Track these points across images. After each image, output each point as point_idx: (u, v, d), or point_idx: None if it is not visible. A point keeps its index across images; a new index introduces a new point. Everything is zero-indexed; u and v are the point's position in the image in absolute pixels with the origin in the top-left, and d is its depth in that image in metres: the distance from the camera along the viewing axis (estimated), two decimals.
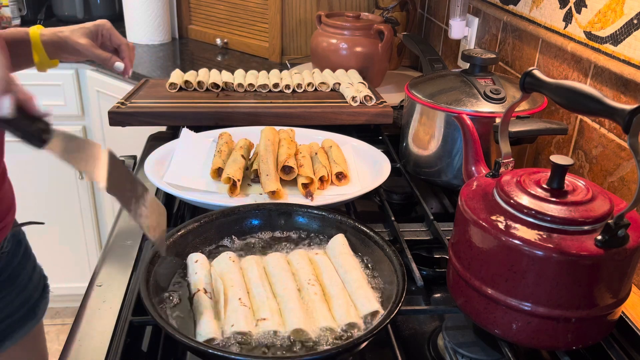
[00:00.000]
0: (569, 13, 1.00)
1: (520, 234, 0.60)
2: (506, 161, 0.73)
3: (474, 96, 1.00)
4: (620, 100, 0.88)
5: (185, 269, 0.74)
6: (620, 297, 0.63)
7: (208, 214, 0.80)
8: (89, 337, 0.70)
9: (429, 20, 1.86)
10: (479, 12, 1.42)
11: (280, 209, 0.84)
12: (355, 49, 1.56)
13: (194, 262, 0.73)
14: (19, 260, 0.98)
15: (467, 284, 0.66)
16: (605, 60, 0.88)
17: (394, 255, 0.72)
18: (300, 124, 1.23)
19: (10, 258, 0.96)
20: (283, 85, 1.38)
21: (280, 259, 0.76)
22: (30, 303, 1.01)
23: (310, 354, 0.60)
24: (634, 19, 0.83)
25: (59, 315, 2.45)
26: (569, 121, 1.03)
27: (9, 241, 0.95)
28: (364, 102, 1.29)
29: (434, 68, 1.22)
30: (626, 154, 0.87)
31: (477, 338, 0.71)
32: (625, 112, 0.55)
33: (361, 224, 0.79)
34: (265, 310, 0.66)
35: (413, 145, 1.09)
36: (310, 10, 1.96)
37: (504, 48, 1.29)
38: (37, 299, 1.03)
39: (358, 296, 0.69)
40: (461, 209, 0.67)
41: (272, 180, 0.94)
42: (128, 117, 1.23)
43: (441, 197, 1.15)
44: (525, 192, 0.63)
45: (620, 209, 0.60)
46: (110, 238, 0.93)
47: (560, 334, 0.62)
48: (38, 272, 1.04)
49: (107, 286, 0.80)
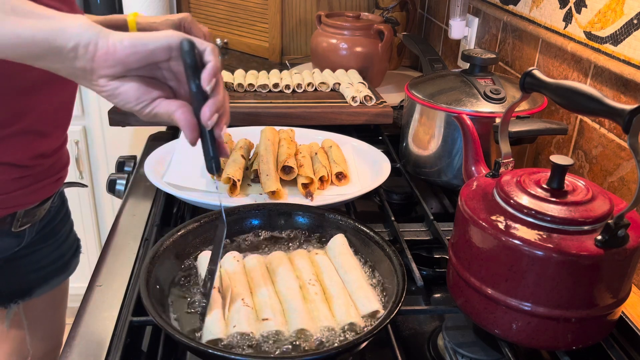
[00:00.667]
0: (569, 13, 1.00)
1: (520, 234, 0.60)
2: (506, 161, 0.73)
3: (474, 96, 1.00)
4: (620, 100, 0.88)
5: (186, 269, 0.74)
6: (620, 297, 0.63)
7: (208, 214, 0.80)
8: (89, 337, 0.70)
9: (429, 20, 1.86)
10: (479, 12, 1.42)
11: (280, 209, 0.84)
12: (355, 49, 1.56)
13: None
14: (61, 218, 1.09)
15: (467, 284, 0.66)
16: (605, 60, 0.88)
17: (394, 255, 0.72)
18: (300, 124, 1.23)
19: (55, 214, 1.06)
20: (283, 85, 1.38)
21: (283, 257, 0.76)
22: (64, 259, 1.11)
23: (311, 354, 0.60)
24: (634, 19, 0.83)
25: None
26: (569, 121, 1.03)
27: (57, 199, 1.05)
28: (364, 102, 1.29)
29: (434, 68, 1.22)
30: (626, 154, 0.87)
31: (477, 338, 0.71)
32: (625, 112, 0.55)
33: (361, 224, 0.79)
34: (267, 310, 0.66)
35: (413, 145, 1.09)
36: (310, 10, 1.96)
37: (504, 48, 1.29)
38: (71, 257, 1.13)
39: (358, 296, 0.69)
40: (461, 209, 0.67)
41: (272, 180, 0.94)
42: (128, 117, 1.23)
43: (441, 197, 1.15)
44: (525, 192, 0.63)
45: (620, 209, 0.60)
46: (110, 238, 0.93)
47: (560, 334, 0.62)
48: (74, 233, 1.16)
49: (107, 286, 0.80)
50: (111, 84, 0.59)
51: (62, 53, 0.57)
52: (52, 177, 0.95)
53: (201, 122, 0.62)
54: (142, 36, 0.59)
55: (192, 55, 0.60)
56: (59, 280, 1.11)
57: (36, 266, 1.04)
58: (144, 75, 0.62)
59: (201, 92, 0.61)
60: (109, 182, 1.20)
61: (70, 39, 0.57)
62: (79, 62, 0.58)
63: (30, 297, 1.05)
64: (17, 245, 0.96)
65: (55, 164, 0.96)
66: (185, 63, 0.60)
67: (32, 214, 0.94)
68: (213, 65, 0.61)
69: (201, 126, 0.62)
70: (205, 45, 0.61)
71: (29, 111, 0.86)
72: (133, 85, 0.60)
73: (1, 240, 0.92)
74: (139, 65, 0.60)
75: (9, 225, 0.91)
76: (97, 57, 0.57)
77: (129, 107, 0.62)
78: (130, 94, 0.60)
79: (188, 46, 0.59)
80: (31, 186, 0.90)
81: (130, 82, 0.60)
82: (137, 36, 0.59)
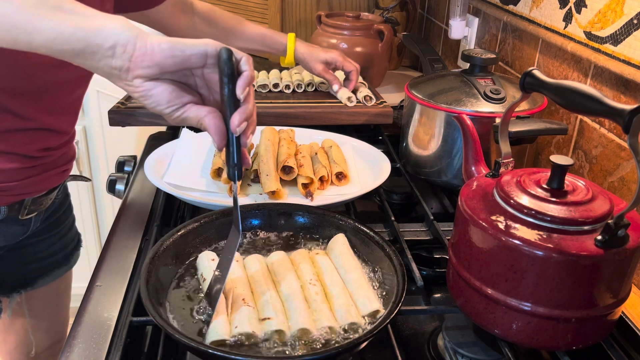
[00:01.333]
0: (569, 13, 1.00)
1: (520, 234, 0.60)
2: (506, 161, 0.73)
3: (474, 96, 1.00)
4: (620, 100, 0.88)
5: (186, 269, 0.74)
6: (620, 297, 0.63)
7: (208, 214, 0.80)
8: (89, 337, 0.70)
9: (429, 20, 1.86)
10: (479, 12, 1.42)
11: (280, 209, 0.84)
12: (355, 49, 1.56)
13: (210, 260, 0.73)
14: (64, 210, 1.13)
15: (467, 284, 0.66)
16: (605, 60, 0.88)
17: (394, 255, 0.72)
18: (300, 124, 1.23)
19: (59, 206, 1.10)
20: (283, 85, 1.38)
21: (283, 257, 0.76)
22: (66, 251, 1.15)
23: (311, 354, 0.60)
24: (634, 19, 0.83)
25: None
26: (569, 121, 1.03)
27: (61, 192, 1.09)
28: (363, 102, 1.29)
29: (434, 68, 1.22)
30: (626, 154, 0.87)
31: (477, 338, 0.71)
32: (625, 112, 0.55)
33: (361, 224, 0.79)
34: (269, 310, 0.66)
35: (413, 145, 1.09)
36: (310, 10, 1.96)
37: (504, 48, 1.29)
38: (72, 249, 1.18)
39: (359, 296, 0.69)
40: (461, 209, 0.67)
41: (272, 180, 0.94)
42: (128, 117, 1.23)
43: (441, 197, 1.15)
44: (525, 192, 0.63)
45: (620, 209, 0.60)
46: (110, 238, 0.93)
47: (560, 334, 0.62)
48: (75, 228, 1.21)
49: (107, 286, 0.80)
50: (145, 85, 0.61)
51: (100, 51, 0.59)
52: (58, 169, 0.99)
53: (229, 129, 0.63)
54: (181, 41, 0.61)
55: (231, 64, 0.61)
56: (60, 271, 1.14)
57: (39, 256, 1.08)
58: (177, 80, 0.63)
59: (233, 100, 0.62)
60: (109, 182, 1.20)
61: (109, 38, 0.59)
62: (117, 61, 0.59)
63: (33, 288, 1.08)
64: (23, 233, 1.00)
65: (63, 156, 0.99)
66: (223, 70, 0.61)
67: (38, 203, 0.98)
68: (249, 75, 0.63)
69: (229, 133, 0.63)
70: (240, 55, 0.63)
71: (48, 109, 0.88)
72: (166, 88, 0.62)
73: (9, 227, 0.95)
74: (174, 69, 0.61)
75: (16, 213, 0.94)
76: (134, 57, 0.59)
77: (160, 109, 0.63)
78: (163, 97, 0.62)
79: (227, 55, 0.60)
80: (39, 176, 0.94)
81: (163, 84, 0.62)
82: (175, 40, 0.61)
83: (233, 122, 0.62)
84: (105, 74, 0.62)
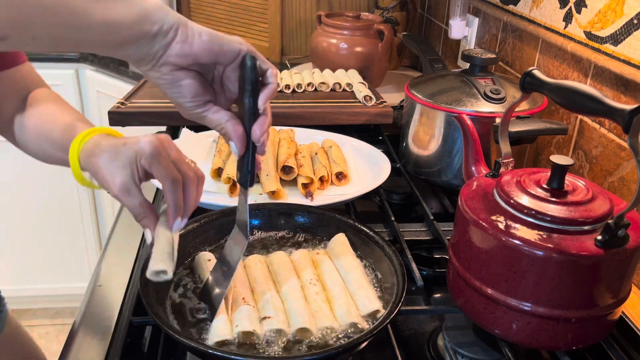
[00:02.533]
0: (569, 13, 1.00)
1: (520, 234, 0.60)
2: (506, 161, 0.73)
3: (474, 96, 1.00)
4: (620, 100, 0.88)
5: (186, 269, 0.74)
6: (620, 297, 0.63)
7: (208, 214, 0.80)
8: (89, 337, 0.70)
9: (429, 20, 1.86)
10: (479, 12, 1.42)
11: (280, 209, 0.84)
12: (355, 49, 1.56)
13: (206, 260, 0.73)
14: None
15: (467, 284, 0.66)
16: (605, 60, 0.88)
17: (394, 255, 0.72)
18: (300, 124, 1.23)
19: None
20: (283, 85, 1.38)
21: (284, 257, 0.76)
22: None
23: (311, 354, 0.60)
24: (634, 19, 0.83)
25: (59, 315, 2.45)
26: (569, 121, 1.03)
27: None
28: (363, 102, 1.29)
29: (434, 68, 1.22)
30: (626, 154, 0.87)
31: (477, 338, 0.71)
32: (625, 112, 0.55)
33: (361, 224, 0.79)
34: (269, 309, 0.66)
35: (413, 145, 1.09)
36: (310, 10, 1.96)
37: (504, 48, 1.29)
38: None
39: (359, 296, 0.69)
40: (461, 209, 0.67)
41: (272, 180, 0.94)
42: (128, 117, 1.23)
43: (441, 197, 1.15)
44: (525, 192, 0.63)
45: (620, 209, 0.60)
46: (110, 238, 0.93)
47: (560, 334, 0.62)
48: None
49: (107, 286, 0.80)
50: (174, 74, 0.58)
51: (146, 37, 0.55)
52: None
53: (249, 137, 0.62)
54: (219, 34, 0.59)
55: (255, 72, 0.60)
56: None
57: None
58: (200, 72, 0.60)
59: (254, 109, 0.61)
60: None
61: (156, 23, 0.55)
62: (155, 46, 0.55)
63: None
64: None
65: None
66: (247, 78, 0.60)
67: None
68: (274, 89, 0.62)
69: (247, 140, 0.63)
70: (268, 66, 0.62)
71: None
72: (195, 81, 0.59)
73: None
74: (208, 61, 0.59)
75: None
76: (173, 44, 0.56)
77: (182, 101, 0.60)
78: (190, 90, 0.59)
79: (252, 62, 0.59)
80: None
81: (192, 77, 0.59)
82: (215, 33, 0.58)
83: (255, 134, 0.61)
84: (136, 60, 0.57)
